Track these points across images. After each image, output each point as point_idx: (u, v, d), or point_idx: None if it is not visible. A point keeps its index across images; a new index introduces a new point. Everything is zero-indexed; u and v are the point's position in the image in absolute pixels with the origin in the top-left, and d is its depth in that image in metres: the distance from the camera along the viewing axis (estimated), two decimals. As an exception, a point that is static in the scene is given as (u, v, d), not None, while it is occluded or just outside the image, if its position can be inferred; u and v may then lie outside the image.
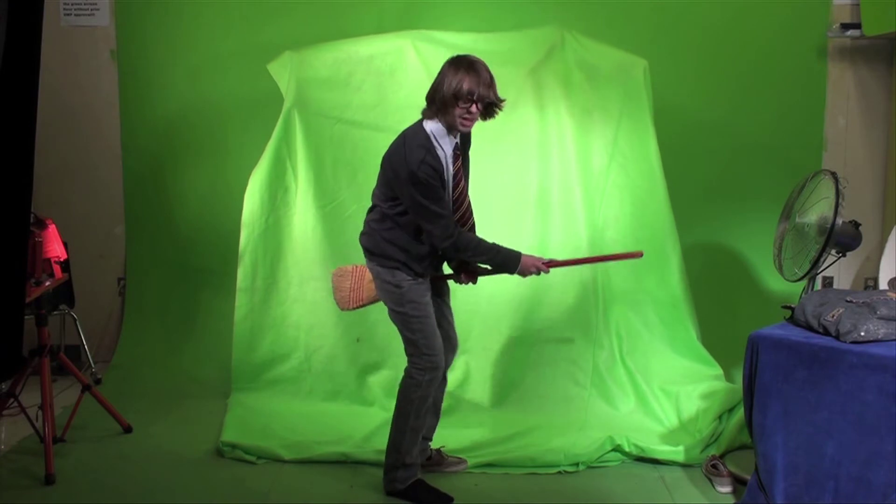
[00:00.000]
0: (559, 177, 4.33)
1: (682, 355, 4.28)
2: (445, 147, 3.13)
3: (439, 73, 3.10)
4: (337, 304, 3.51)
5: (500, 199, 4.26)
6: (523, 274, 3.25)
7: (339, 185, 4.33)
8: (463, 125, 3.08)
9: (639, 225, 4.34)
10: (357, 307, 3.48)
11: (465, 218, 3.25)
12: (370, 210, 3.31)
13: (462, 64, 3.06)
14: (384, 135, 3.25)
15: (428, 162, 3.04)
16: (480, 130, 4.23)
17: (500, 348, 4.32)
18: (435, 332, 3.25)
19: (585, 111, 4.31)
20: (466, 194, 3.26)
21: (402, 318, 3.24)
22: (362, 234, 3.32)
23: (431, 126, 3.11)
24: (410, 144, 3.07)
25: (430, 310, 3.25)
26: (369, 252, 3.28)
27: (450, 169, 3.16)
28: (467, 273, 3.37)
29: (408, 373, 3.29)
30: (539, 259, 3.26)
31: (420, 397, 3.26)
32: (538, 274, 3.27)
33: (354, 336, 4.33)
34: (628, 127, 4.34)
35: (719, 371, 4.22)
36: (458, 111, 3.04)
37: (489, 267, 3.32)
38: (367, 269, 3.36)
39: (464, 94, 3.01)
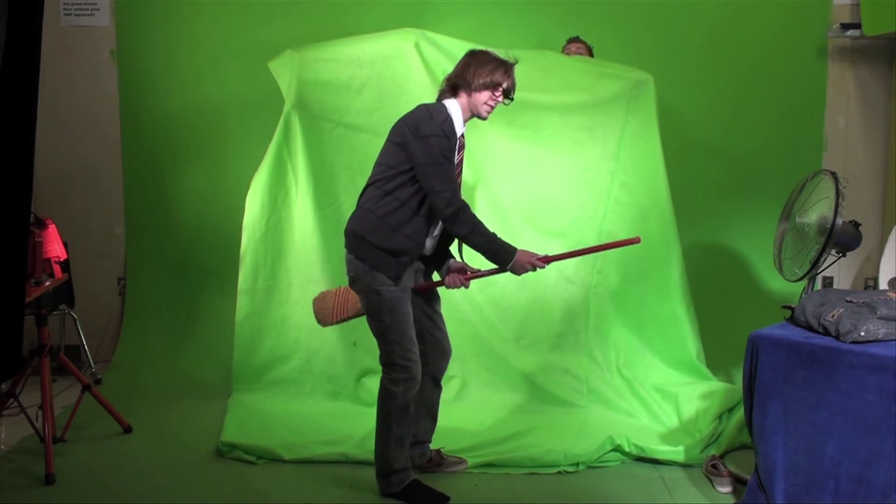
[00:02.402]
0: (559, 195, 4.31)
1: (681, 372, 4.26)
2: (458, 128, 3.20)
3: (466, 58, 3.24)
4: (319, 321, 3.45)
5: (498, 217, 4.21)
6: (517, 271, 3.17)
7: (336, 188, 4.32)
8: (486, 112, 3.22)
9: (641, 242, 4.31)
10: (340, 320, 3.41)
11: None
12: (364, 192, 3.24)
13: (495, 56, 3.24)
14: (383, 140, 3.25)
15: (450, 123, 3.14)
16: (477, 148, 4.23)
17: (494, 354, 4.33)
18: (411, 342, 3.19)
19: (586, 129, 4.26)
20: (460, 191, 3.27)
21: (379, 327, 3.19)
22: (351, 218, 3.24)
23: (451, 106, 3.20)
24: (433, 109, 3.18)
25: (408, 320, 3.19)
26: (354, 238, 3.17)
27: (455, 151, 3.20)
28: (460, 275, 3.30)
29: (382, 383, 3.22)
30: (533, 255, 3.19)
31: (398, 407, 3.20)
32: (534, 270, 3.20)
33: (351, 340, 4.32)
34: (631, 144, 4.28)
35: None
36: (486, 98, 3.18)
37: (481, 270, 3.30)
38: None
39: (499, 84, 3.18)
